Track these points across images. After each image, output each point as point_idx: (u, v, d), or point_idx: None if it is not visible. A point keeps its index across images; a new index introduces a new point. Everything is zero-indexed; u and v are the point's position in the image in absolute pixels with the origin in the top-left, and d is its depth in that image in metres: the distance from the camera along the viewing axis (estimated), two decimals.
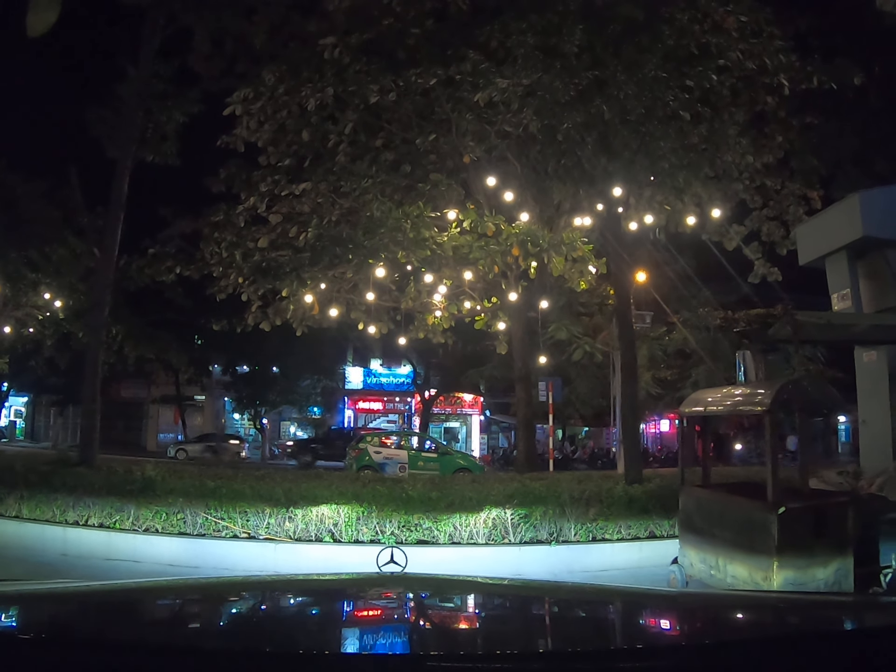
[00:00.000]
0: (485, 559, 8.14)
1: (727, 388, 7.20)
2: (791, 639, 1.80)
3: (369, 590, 2.57)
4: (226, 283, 16.79)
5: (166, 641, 1.67)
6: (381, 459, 23.97)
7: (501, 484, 9.90)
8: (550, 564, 8.19)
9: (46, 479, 9.26)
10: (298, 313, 17.04)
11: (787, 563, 5.64)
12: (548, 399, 22.87)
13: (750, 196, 17.73)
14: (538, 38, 11.69)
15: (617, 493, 9.05)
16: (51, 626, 1.89)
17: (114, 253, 11.57)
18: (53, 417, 48.44)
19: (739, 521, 6.12)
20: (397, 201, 16.23)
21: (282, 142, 16.56)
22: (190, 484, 8.99)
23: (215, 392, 46.15)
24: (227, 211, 16.47)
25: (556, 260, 17.06)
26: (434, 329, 19.38)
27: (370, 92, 13.95)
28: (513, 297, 17.66)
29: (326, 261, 15.22)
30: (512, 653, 1.69)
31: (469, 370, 36.08)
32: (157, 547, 8.36)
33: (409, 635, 1.97)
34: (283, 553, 8.11)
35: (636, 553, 8.45)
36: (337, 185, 16.39)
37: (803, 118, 16.72)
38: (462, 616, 2.35)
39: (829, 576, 5.84)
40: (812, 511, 5.84)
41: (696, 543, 6.79)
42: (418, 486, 9.48)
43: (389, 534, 8.22)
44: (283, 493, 8.57)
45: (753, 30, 14.53)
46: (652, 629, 2.19)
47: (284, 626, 1.98)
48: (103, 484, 9.10)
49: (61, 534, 8.73)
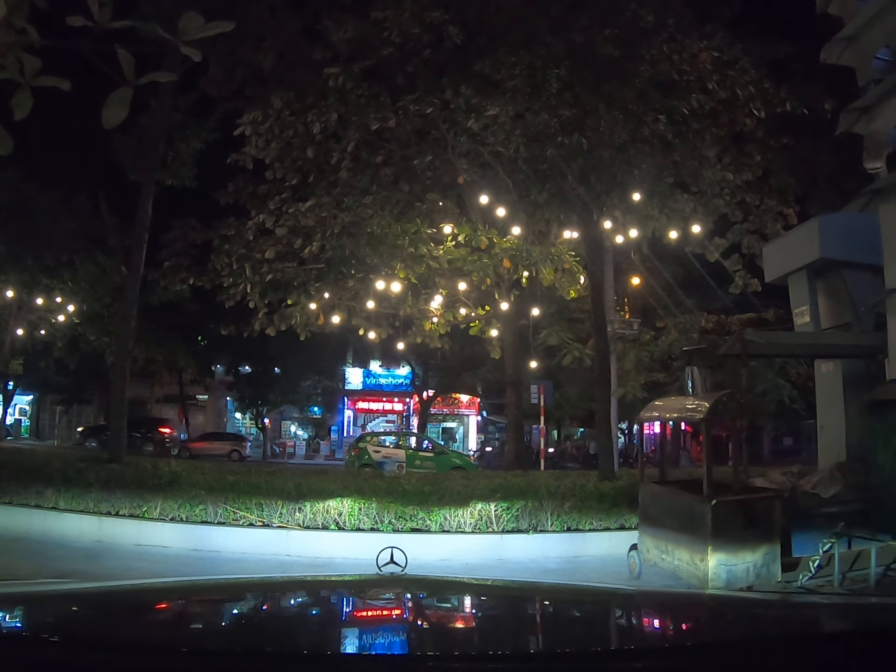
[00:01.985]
0: (471, 545, 9.23)
1: (677, 399, 8.31)
2: (790, 639, 1.83)
3: (369, 590, 2.61)
4: (234, 291, 17.85)
5: (163, 642, 1.70)
6: (380, 458, 24.90)
7: (487, 480, 11.10)
8: (528, 551, 9.29)
9: (82, 474, 10.34)
10: (303, 320, 18.13)
11: (719, 548, 6.74)
12: (540, 401, 23.74)
13: (731, 211, 18.75)
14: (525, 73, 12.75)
15: (589, 488, 10.17)
16: (52, 626, 1.92)
17: (139, 271, 12.66)
18: (59, 416, 49.13)
19: (683, 512, 7.23)
20: (396, 215, 17.30)
21: (287, 158, 17.61)
22: (211, 479, 10.13)
23: (217, 392, 47.11)
24: (238, 227, 17.50)
25: (546, 271, 18.18)
26: (431, 334, 20.41)
27: (371, 120, 14.99)
28: (504, 307, 18.73)
29: (332, 277, 16.26)
30: (511, 653, 1.73)
31: (466, 372, 36.86)
32: (182, 534, 9.46)
33: (408, 636, 2.00)
34: (294, 539, 9.20)
35: (605, 542, 9.52)
36: (339, 199, 17.46)
37: (780, 139, 17.78)
38: (461, 617, 2.36)
39: (758, 559, 6.93)
40: (741, 504, 6.93)
41: (650, 531, 7.90)
42: (413, 481, 10.67)
43: (387, 523, 9.32)
44: (293, 487, 9.69)
45: (727, 61, 15.61)
46: (651, 630, 2.23)
47: (283, 627, 2.01)
48: (133, 479, 10.22)
49: (97, 522, 9.81)
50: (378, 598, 2.47)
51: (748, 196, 18.50)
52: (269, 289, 16.97)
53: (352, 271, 16.36)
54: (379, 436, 28.92)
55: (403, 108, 15.51)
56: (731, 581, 6.72)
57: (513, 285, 19.24)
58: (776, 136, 17.78)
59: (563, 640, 1.98)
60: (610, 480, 10.82)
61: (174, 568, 8.31)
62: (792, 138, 18.45)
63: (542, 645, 1.97)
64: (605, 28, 12.33)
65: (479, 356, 29.19)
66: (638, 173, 14.85)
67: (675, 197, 17.22)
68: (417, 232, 16.34)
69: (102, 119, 3.78)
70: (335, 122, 16.29)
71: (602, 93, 12.61)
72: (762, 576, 6.90)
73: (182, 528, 9.53)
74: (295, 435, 49.41)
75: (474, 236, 17.40)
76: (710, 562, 6.69)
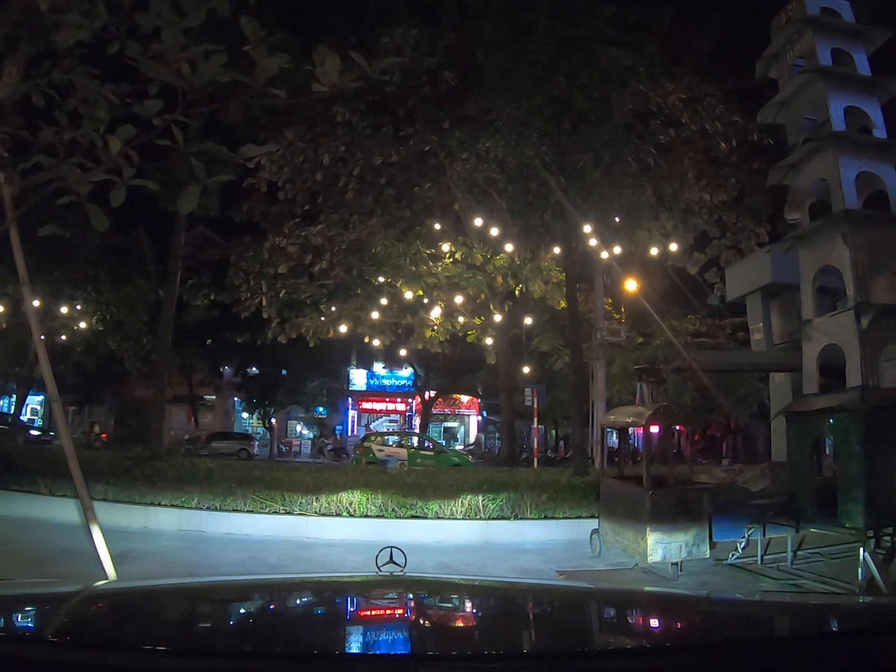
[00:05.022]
0: (461, 530, 10.90)
1: (629, 407, 10.01)
2: (790, 639, 1.85)
3: (368, 590, 2.61)
4: (250, 303, 19.60)
5: (158, 642, 1.70)
6: (384, 457, 26.32)
7: (476, 475, 12.87)
8: (510, 535, 10.96)
9: (129, 470, 12.02)
10: (312, 329, 19.86)
11: (656, 529, 8.39)
12: (533, 404, 25.23)
13: (709, 227, 20.35)
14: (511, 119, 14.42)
15: (563, 483, 11.86)
16: (58, 626, 1.94)
17: (174, 294, 14.34)
18: (72, 416, 50.44)
19: (630, 500, 8.89)
20: (398, 234, 19.00)
21: (298, 180, 19.32)
22: (242, 474, 11.88)
23: (225, 392, 48.24)
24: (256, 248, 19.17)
25: (537, 284, 19.87)
26: (431, 341, 22.09)
27: (375, 155, 16.69)
28: (497, 319, 20.42)
29: (341, 296, 17.98)
30: (510, 653, 1.74)
31: (466, 374, 38.25)
32: (217, 520, 11.12)
33: (406, 636, 2.01)
34: (312, 524, 10.87)
35: (576, 528, 11.10)
36: (346, 219, 19.18)
37: (752, 164, 19.34)
38: (460, 616, 2.36)
39: (689, 539, 8.58)
40: (674, 493, 8.61)
41: (608, 517, 9.57)
42: (412, 476, 12.48)
43: (391, 511, 11.00)
44: (311, 481, 11.41)
45: (697, 97, 17.25)
46: (649, 629, 2.23)
47: (282, 627, 2.02)
48: (174, 474, 11.91)
49: (143, 511, 11.46)
50: (377, 598, 2.49)
51: (724, 214, 20.10)
52: (284, 307, 18.63)
53: (358, 290, 18.05)
54: (383, 436, 30.31)
55: (404, 142, 17.20)
56: (666, 556, 8.38)
57: (506, 297, 20.91)
58: (748, 160, 19.36)
59: (562, 639, 1.99)
60: (582, 476, 12.52)
61: (212, 548, 9.93)
62: (763, 163, 20.00)
63: (541, 645, 1.98)
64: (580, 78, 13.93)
65: (478, 359, 30.14)
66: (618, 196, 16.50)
67: (656, 215, 18.87)
68: (417, 253, 18.01)
69: (179, 206, 5.40)
70: (343, 150, 17.98)
71: (579, 136, 14.25)
72: (693, 553, 8.56)
73: (217, 516, 11.19)
74: (300, 434, 50.71)
75: (470, 254, 19.10)
76: (649, 540, 8.35)
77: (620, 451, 10.85)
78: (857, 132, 9.37)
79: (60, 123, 5.06)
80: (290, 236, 19.11)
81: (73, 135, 4.94)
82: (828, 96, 9.20)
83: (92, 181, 4.71)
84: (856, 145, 9.06)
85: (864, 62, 9.83)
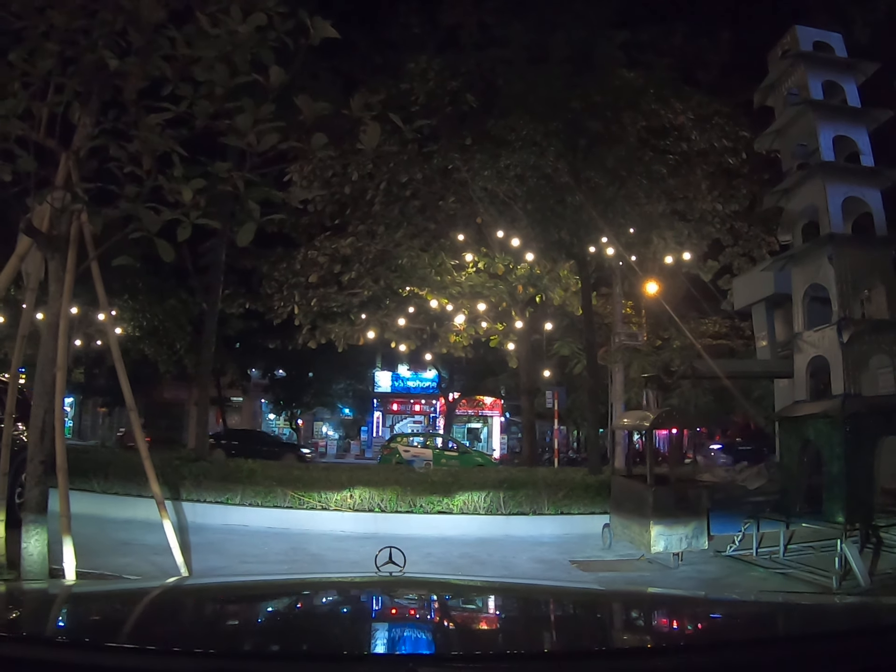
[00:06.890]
0: (483, 524, 11.81)
1: (637, 412, 10.93)
2: (790, 639, 1.86)
3: (367, 590, 2.61)
4: (282, 310, 20.65)
5: (155, 642, 1.69)
6: (410, 457, 27.34)
7: (497, 474, 13.85)
8: (528, 529, 11.87)
9: (177, 469, 13.04)
10: (341, 334, 20.90)
11: (658, 522, 9.28)
12: (554, 406, 26.12)
13: (722, 236, 21.07)
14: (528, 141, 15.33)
15: (578, 481, 12.77)
16: (62, 626, 1.97)
17: (217, 306, 15.42)
18: (102, 418, 51.60)
19: (636, 497, 9.78)
20: (422, 245, 19.93)
21: (327, 193, 20.32)
22: (282, 473, 12.94)
23: (253, 394, 49.12)
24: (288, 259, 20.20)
25: (557, 292, 20.77)
26: (455, 345, 23.05)
27: (401, 173, 17.65)
28: (519, 325, 21.33)
29: (372, 307, 19.01)
30: (509, 653, 1.75)
31: (489, 377, 39.01)
32: (259, 516, 12.08)
33: (405, 636, 2.01)
34: (346, 519, 11.82)
35: (589, 522, 11.93)
36: (373, 230, 20.13)
37: (763, 175, 20.04)
38: (460, 616, 2.36)
39: (689, 531, 9.44)
40: (675, 490, 9.50)
41: (617, 512, 10.47)
42: (439, 474, 13.55)
43: (419, 507, 11.96)
44: (346, 479, 12.41)
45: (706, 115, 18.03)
46: (652, 630, 2.23)
47: (280, 627, 2.04)
48: (218, 473, 12.93)
49: (190, 507, 12.42)
50: (376, 598, 2.50)
51: (736, 223, 20.81)
52: (317, 318, 19.66)
53: (387, 301, 19.06)
54: (408, 437, 31.21)
55: (428, 158, 18.13)
56: (667, 547, 9.25)
57: (527, 304, 21.81)
58: (759, 172, 20.07)
59: (563, 639, 2.01)
60: (596, 475, 13.43)
61: (256, 540, 10.88)
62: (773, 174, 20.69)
63: (541, 645, 1.98)
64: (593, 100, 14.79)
65: (500, 362, 30.72)
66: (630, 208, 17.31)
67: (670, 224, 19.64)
68: (442, 263, 18.96)
69: (237, 240, 6.36)
70: (370, 167, 18.94)
71: (593, 157, 15.13)
72: (692, 545, 9.42)
73: (259, 511, 12.17)
74: (326, 435, 51.57)
75: (492, 264, 20.03)
76: (652, 532, 9.23)
77: (631, 451, 11.76)
78: (846, 160, 10.16)
79: (139, 175, 6.00)
80: (321, 248, 20.06)
81: (153, 184, 5.88)
82: (818, 127, 10.00)
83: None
84: (843, 173, 9.85)
85: (854, 92, 10.59)
